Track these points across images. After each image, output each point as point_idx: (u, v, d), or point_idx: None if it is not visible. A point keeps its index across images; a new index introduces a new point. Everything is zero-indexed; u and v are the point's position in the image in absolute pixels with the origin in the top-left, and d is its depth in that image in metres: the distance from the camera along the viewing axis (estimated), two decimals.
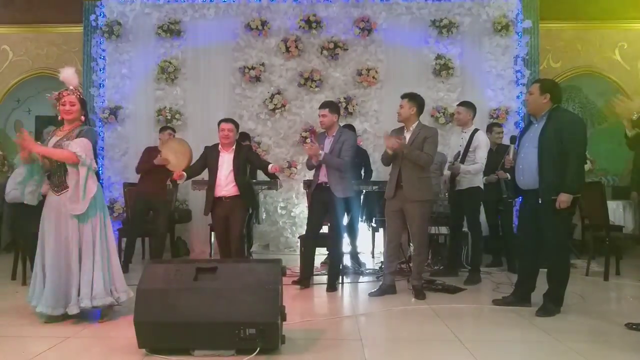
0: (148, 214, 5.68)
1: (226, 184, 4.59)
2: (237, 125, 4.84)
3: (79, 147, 3.41)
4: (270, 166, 4.67)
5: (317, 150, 4.40)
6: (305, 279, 4.63)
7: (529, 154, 3.73)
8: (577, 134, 3.62)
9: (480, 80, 6.89)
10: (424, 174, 4.26)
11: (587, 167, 6.70)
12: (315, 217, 4.64)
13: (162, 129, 5.87)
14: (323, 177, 4.51)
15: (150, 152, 5.57)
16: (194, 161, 4.94)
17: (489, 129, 5.82)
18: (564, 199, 3.55)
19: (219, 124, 4.76)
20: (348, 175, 4.59)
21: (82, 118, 3.61)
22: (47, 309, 3.37)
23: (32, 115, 8.52)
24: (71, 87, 3.60)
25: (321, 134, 4.73)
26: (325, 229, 4.87)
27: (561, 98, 3.79)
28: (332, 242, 4.63)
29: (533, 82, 3.94)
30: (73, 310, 3.38)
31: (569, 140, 3.57)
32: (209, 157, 4.71)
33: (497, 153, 5.39)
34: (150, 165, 5.37)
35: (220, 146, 4.70)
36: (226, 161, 4.63)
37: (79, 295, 3.40)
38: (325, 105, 4.64)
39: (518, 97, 6.83)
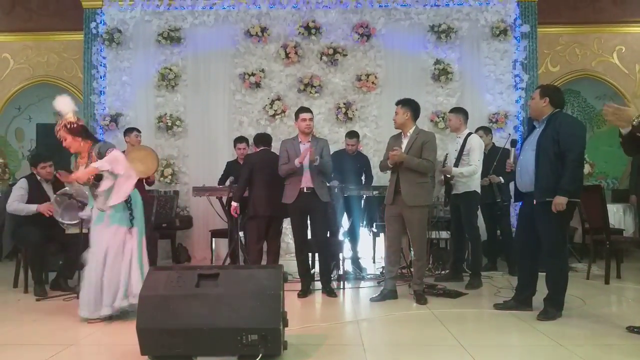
0: None
1: None
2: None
3: (104, 162, 3.64)
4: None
5: (314, 153, 4.40)
6: (306, 290, 4.61)
7: (528, 157, 3.74)
8: (575, 136, 3.60)
9: (479, 85, 6.92)
10: (422, 179, 4.27)
11: (586, 170, 6.75)
12: (302, 226, 4.62)
13: (126, 131, 5.86)
14: (307, 183, 4.49)
15: None
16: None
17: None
18: (559, 202, 3.54)
19: None
20: (326, 180, 4.66)
21: (88, 141, 3.70)
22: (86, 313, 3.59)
23: (33, 122, 8.55)
24: (61, 122, 3.68)
25: (292, 140, 4.66)
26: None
27: (563, 103, 3.80)
28: (320, 248, 4.65)
29: (536, 88, 3.97)
30: (106, 312, 3.60)
31: (567, 143, 3.56)
32: None
33: (488, 156, 5.38)
34: None
35: None
36: None
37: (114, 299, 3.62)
38: (310, 110, 4.65)
39: (517, 101, 6.85)
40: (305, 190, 4.48)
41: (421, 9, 6.93)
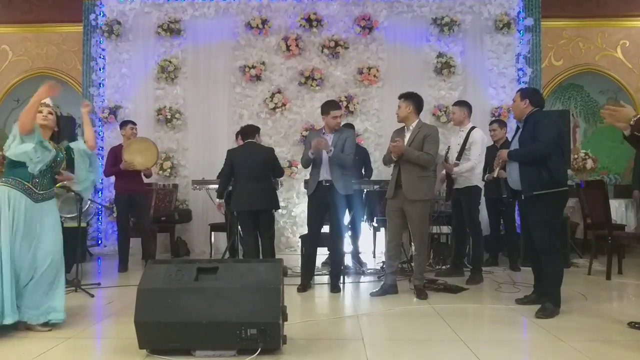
0: (131, 213, 5.59)
1: None
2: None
3: None
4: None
5: (327, 144, 4.36)
6: (306, 284, 4.55)
7: None
8: (547, 127, 3.65)
9: (482, 79, 6.87)
10: (424, 173, 4.23)
11: (589, 165, 6.70)
12: (317, 219, 4.56)
13: (122, 124, 5.76)
14: (325, 175, 4.42)
15: (116, 153, 5.48)
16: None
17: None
18: (502, 154, 3.80)
19: None
20: (349, 173, 4.55)
21: None
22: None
23: None
24: None
25: (317, 132, 4.66)
26: (324, 229, 4.78)
27: (543, 103, 3.90)
28: (335, 242, 4.58)
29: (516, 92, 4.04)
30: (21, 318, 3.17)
31: (540, 135, 3.63)
32: None
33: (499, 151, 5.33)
34: (117, 170, 5.37)
35: None
36: None
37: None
38: (340, 107, 4.67)
39: None
40: (324, 183, 4.43)
41: (424, 2, 6.88)
